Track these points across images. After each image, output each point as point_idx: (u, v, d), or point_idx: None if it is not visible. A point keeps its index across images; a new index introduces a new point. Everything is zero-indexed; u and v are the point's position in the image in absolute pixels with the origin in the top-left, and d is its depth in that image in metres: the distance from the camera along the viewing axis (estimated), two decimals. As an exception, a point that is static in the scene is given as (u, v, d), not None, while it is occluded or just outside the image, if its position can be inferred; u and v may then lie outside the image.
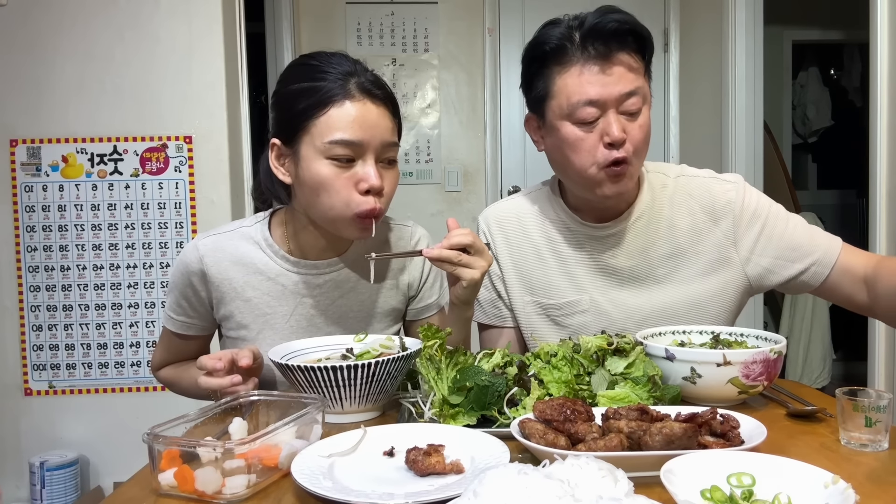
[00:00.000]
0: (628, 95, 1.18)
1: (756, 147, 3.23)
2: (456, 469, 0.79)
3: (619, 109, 1.18)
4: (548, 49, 1.21)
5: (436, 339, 1.02)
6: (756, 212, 1.28)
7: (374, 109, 1.14)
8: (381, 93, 1.16)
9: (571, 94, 1.18)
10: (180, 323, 1.30)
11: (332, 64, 1.15)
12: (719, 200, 1.29)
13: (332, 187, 1.13)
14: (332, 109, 1.12)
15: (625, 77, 1.18)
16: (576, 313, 1.33)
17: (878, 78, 2.15)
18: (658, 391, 0.98)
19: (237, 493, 0.76)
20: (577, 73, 1.18)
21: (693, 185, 1.32)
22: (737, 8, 3.11)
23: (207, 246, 1.25)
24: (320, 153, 1.13)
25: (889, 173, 2.15)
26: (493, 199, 3.65)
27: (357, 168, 1.13)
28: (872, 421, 0.85)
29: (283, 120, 1.18)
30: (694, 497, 0.67)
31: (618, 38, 1.18)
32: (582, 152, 1.20)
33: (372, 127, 1.13)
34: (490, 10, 3.63)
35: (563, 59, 1.20)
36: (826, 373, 3.86)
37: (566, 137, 1.21)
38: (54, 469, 2.32)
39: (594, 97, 1.17)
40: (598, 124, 1.19)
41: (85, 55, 2.39)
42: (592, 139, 1.19)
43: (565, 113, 1.20)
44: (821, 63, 5.21)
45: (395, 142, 1.18)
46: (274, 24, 3.49)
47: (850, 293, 1.22)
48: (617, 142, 1.17)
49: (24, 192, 2.41)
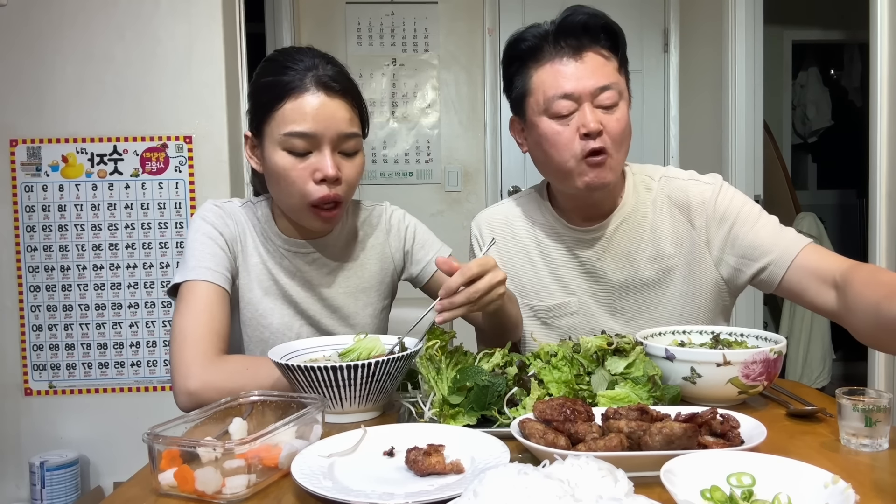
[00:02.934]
0: (602, 89, 1.21)
1: (756, 147, 3.24)
2: (456, 469, 0.79)
3: (595, 103, 1.21)
4: (524, 47, 1.26)
5: (436, 339, 1.02)
6: (726, 212, 1.28)
7: (329, 102, 1.18)
8: (339, 86, 1.19)
9: (547, 88, 1.22)
10: (226, 278, 1.21)
11: (296, 59, 1.20)
12: (695, 201, 1.30)
13: (288, 177, 1.18)
14: (289, 102, 1.17)
15: (598, 71, 1.22)
16: (565, 315, 1.35)
17: (878, 78, 2.15)
18: (658, 391, 0.98)
19: (237, 493, 0.76)
20: (553, 68, 1.23)
21: (673, 186, 1.33)
22: (737, 8, 3.11)
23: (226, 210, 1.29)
24: (278, 144, 1.18)
25: (889, 173, 2.15)
26: (493, 199, 3.65)
27: (313, 158, 1.18)
28: (872, 421, 0.85)
29: (252, 113, 1.24)
30: (694, 497, 0.67)
31: (589, 34, 1.22)
32: (560, 146, 1.23)
33: (326, 118, 1.17)
34: (490, 10, 3.64)
35: (538, 56, 1.24)
36: (826, 373, 3.86)
37: (544, 133, 1.24)
38: (54, 469, 2.32)
39: (568, 90, 1.21)
40: (574, 117, 1.22)
41: (85, 55, 2.39)
42: (569, 132, 1.22)
43: (542, 108, 1.23)
44: (821, 63, 5.21)
45: (355, 132, 1.22)
46: (274, 24, 3.49)
47: (814, 297, 1.17)
48: (592, 132, 1.19)
49: (24, 192, 2.41)
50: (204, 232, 1.24)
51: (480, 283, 1.02)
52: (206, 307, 1.15)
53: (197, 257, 1.20)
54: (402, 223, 1.40)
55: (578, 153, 1.21)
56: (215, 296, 1.17)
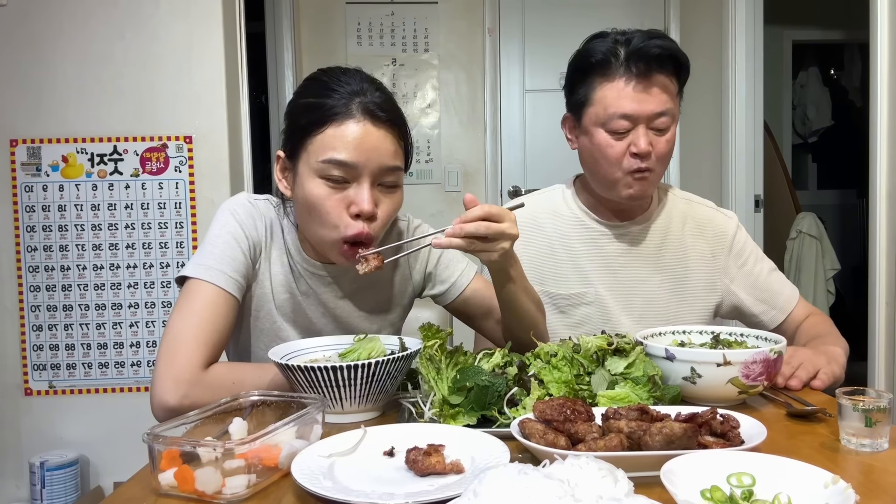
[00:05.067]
0: (659, 115, 1.31)
1: (756, 147, 3.24)
2: (456, 469, 0.79)
3: (650, 126, 1.31)
4: (593, 61, 1.32)
5: (436, 339, 1.02)
6: (743, 248, 1.45)
7: (374, 132, 1.10)
8: (386, 115, 1.12)
9: (609, 105, 1.30)
10: (240, 285, 1.15)
11: (341, 82, 1.12)
12: (719, 229, 1.46)
13: (322, 208, 1.10)
14: (331, 128, 1.09)
15: (659, 97, 1.30)
16: (581, 305, 1.44)
17: (878, 78, 2.15)
18: (658, 391, 0.98)
19: (237, 493, 0.76)
20: (618, 87, 1.30)
21: (699, 211, 1.48)
22: (737, 8, 3.11)
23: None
24: (315, 172, 1.10)
25: (889, 173, 2.15)
26: (493, 199, 3.65)
27: (350, 190, 1.10)
28: (872, 421, 0.85)
29: (288, 133, 1.16)
30: (694, 497, 0.67)
31: (658, 62, 1.29)
32: (610, 158, 1.32)
33: (370, 150, 1.09)
34: (490, 10, 3.63)
35: (605, 72, 1.31)
36: (826, 373, 3.85)
37: (598, 143, 1.33)
38: (54, 469, 2.32)
39: (629, 112, 1.29)
40: (629, 136, 1.31)
41: (85, 55, 2.39)
42: (621, 147, 1.31)
43: (601, 121, 1.32)
44: (821, 63, 5.21)
45: (398, 166, 1.14)
46: (274, 24, 3.49)
47: (790, 337, 1.37)
48: (643, 153, 1.30)
49: (24, 192, 2.41)
50: (230, 230, 1.17)
51: (494, 226, 1.03)
52: (209, 315, 1.09)
53: (216, 256, 1.14)
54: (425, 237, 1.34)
55: (626, 168, 1.32)
56: (222, 303, 1.11)
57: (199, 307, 1.09)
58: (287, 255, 1.23)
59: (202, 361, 1.06)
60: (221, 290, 1.11)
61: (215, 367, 1.08)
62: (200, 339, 1.06)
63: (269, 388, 1.06)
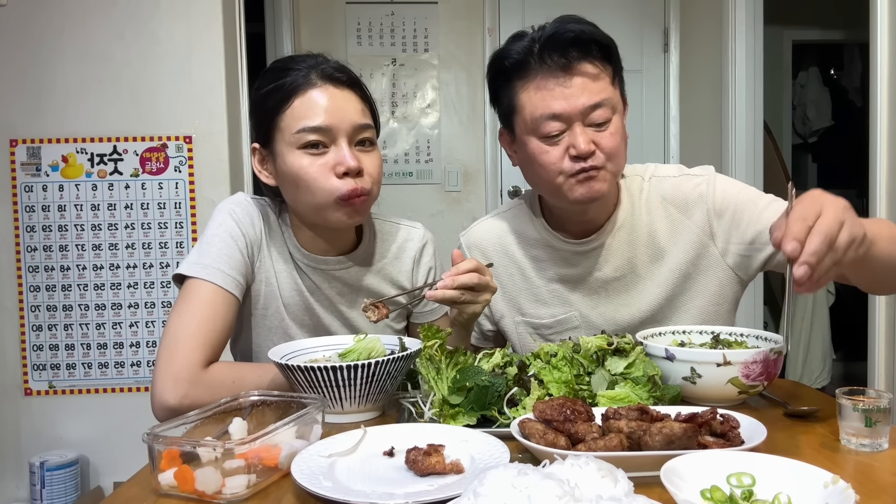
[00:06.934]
0: (594, 107, 1.14)
1: (756, 147, 3.23)
2: (456, 469, 0.79)
3: (586, 122, 1.15)
4: (508, 63, 1.19)
5: (436, 339, 1.02)
6: (725, 201, 1.24)
7: (338, 93, 1.15)
8: (345, 76, 1.17)
9: (534, 108, 1.16)
10: (240, 284, 1.16)
11: (296, 60, 1.18)
12: (691, 196, 1.26)
13: (307, 175, 1.13)
14: (297, 100, 1.13)
15: (588, 88, 1.14)
16: (566, 330, 1.32)
17: (878, 78, 2.15)
18: (658, 391, 0.98)
19: (237, 493, 0.76)
20: (537, 86, 1.16)
21: (665, 185, 1.29)
22: (737, 8, 3.11)
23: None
24: (292, 145, 1.14)
25: (889, 173, 2.15)
26: (493, 199, 3.65)
27: (330, 154, 1.14)
28: (872, 421, 0.85)
29: (257, 123, 1.20)
30: (694, 497, 0.67)
31: (579, 48, 1.14)
32: (548, 165, 1.17)
33: (338, 110, 1.14)
34: (490, 10, 3.63)
35: (523, 73, 1.17)
36: (826, 373, 3.86)
37: (533, 152, 1.19)
38: (54, 469, 2.32)
39: (557, 111, 1.14)
40: (564, 137, 1.16)
41: (85, 55, 2.39)
42: (558, 152, 1.17)
43: (530, 128, 1.18)
44: (821, 63, 5.21)
45: (368, 123, 1.18)
46: (274, 24, 3.49)
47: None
48: (583, 154, 1.14)
49: (24, 192, 2.41)
50: (227, 229, 1.17)
51: (483, 277, 1.10)
52: (209, 314, 1.09)
53: (214, 255, 1.13)
54: (431, 261, 1.35)
55: (567, 171, 1.16)
56: (221, 302, 1.11)
57: (198, 306, 1.09)
58: (289, 253, 1.24)
59: (202, 360, 1.06)
60: (221, 288, 1.12)
61: (215, 367, 1.08)
62: (200, 338, 1.07)
63: (269, 387, 1.06)
